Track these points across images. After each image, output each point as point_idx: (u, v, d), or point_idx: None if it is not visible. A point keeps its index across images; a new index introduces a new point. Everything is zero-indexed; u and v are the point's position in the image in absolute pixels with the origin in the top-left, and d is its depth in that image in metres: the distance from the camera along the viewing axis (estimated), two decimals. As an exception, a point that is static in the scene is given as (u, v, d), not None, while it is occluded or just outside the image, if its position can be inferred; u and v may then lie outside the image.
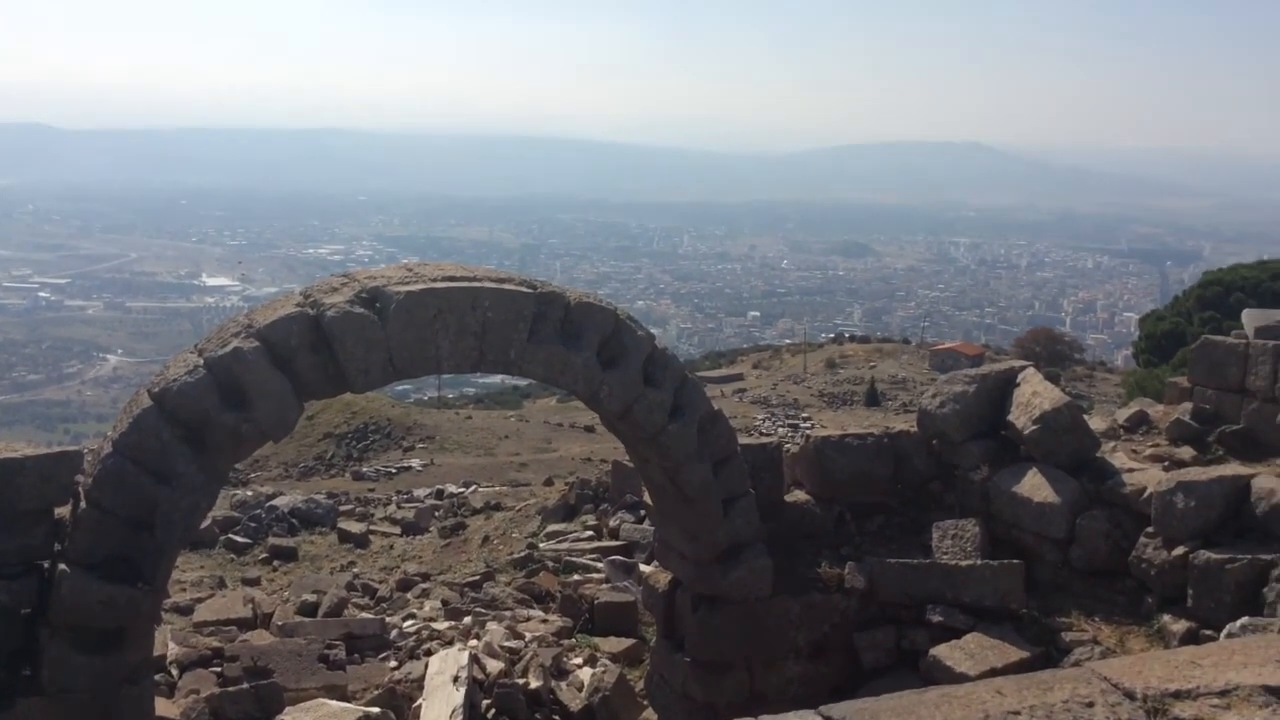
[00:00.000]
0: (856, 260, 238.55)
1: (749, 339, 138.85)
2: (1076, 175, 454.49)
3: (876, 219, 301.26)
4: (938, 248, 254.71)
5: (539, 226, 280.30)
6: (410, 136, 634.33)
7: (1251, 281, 47.07)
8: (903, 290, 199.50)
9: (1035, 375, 11.23)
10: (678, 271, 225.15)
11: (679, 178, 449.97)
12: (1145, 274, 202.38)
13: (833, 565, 10.28)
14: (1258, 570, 8.64)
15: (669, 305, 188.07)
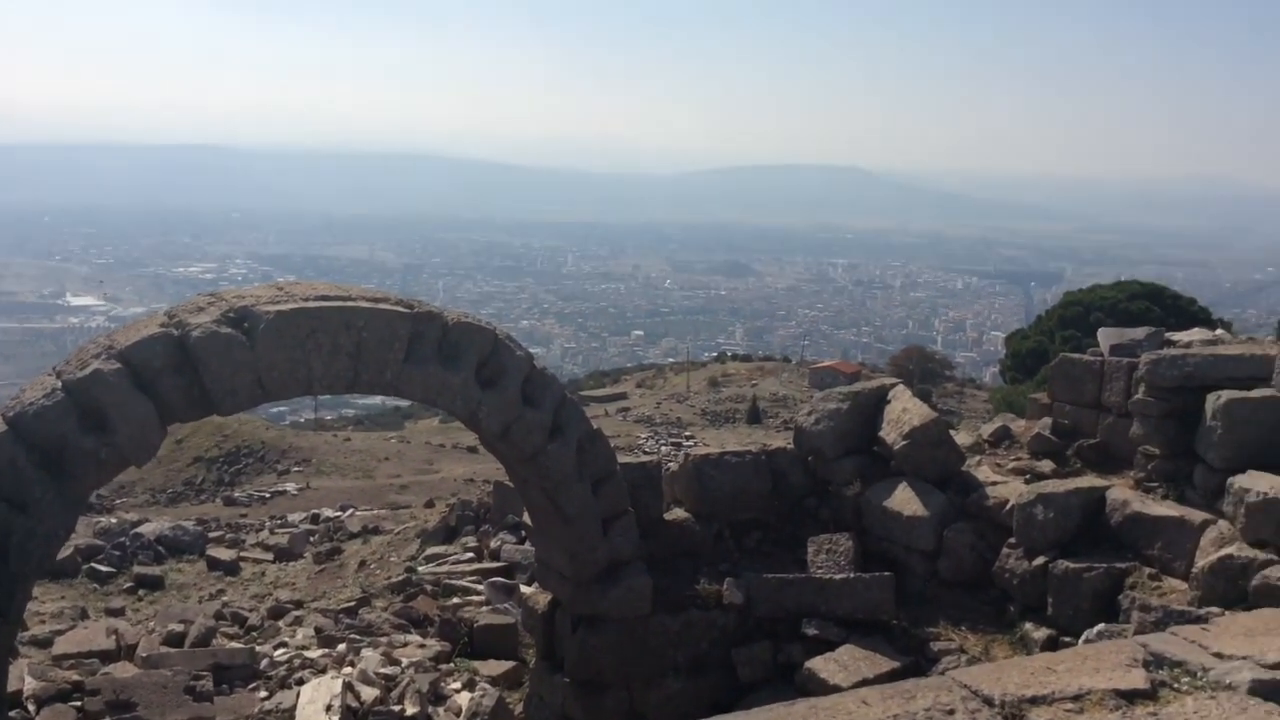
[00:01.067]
0: (738, 280, 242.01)
1: (633, 358, 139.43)
2: (947, 199, 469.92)
3: (758, 240, 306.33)
4: (817, 268, 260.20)
5: (421, 245, 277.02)
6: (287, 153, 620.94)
7: (1109, 301, 49.23)
8: (783, 309, 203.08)
9: (905, 392, 11.55)
10: (562, 291, 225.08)
11: (563, 198, 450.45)
12: (1011, 294, 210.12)
13: (711, 582, 10.38)
14: (1113, 578, 9.03)
15: (553, 325, 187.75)
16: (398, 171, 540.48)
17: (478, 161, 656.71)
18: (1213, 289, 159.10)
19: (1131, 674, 4.67)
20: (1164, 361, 9.81)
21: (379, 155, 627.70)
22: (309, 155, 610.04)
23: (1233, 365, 9.80)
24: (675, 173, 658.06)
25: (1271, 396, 9.28)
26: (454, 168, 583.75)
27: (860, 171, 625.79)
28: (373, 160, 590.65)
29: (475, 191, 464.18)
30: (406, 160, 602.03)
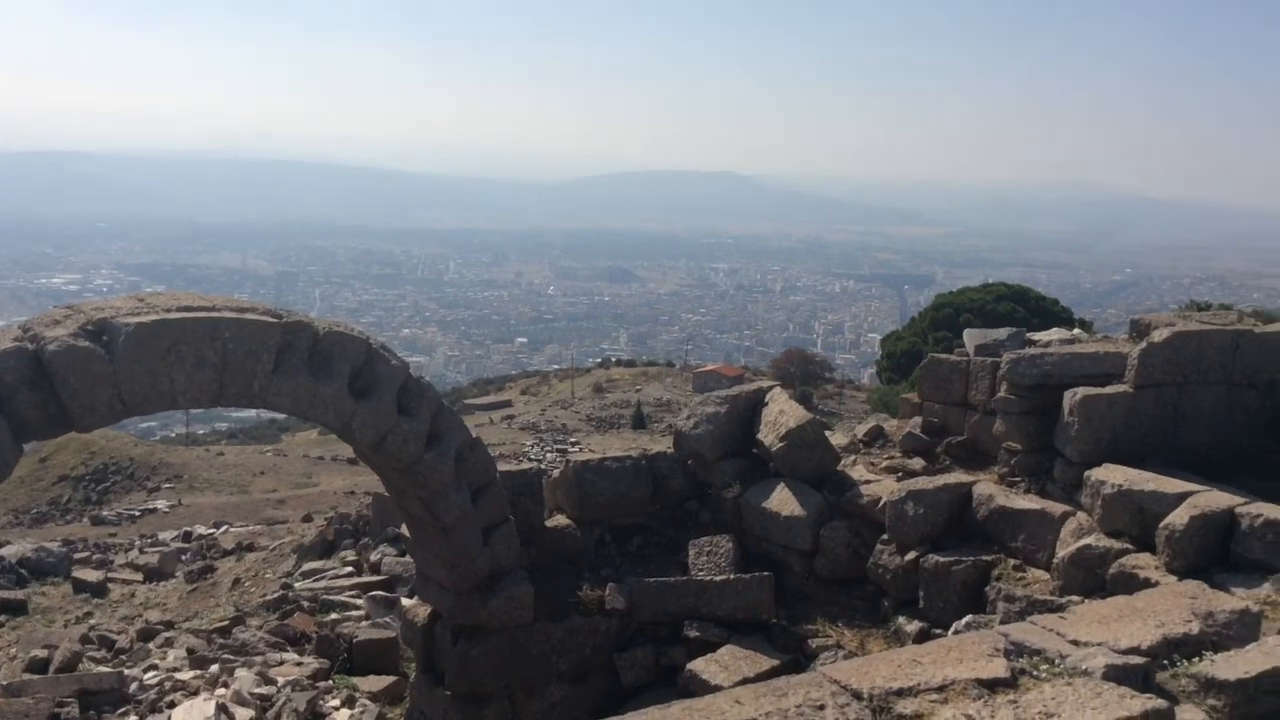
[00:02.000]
0: (622, 286, 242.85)
1: (517, 365, 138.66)
2: (825, 205, 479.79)
3: (640, 246, 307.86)
4: (699, 273, 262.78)
5: (296, 253, 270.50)
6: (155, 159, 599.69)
7: (977, 303, 50.88)
8: (666, 315, 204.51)
9: (782, 395, 11.74)
10: (444, 299, 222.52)
11: (444, 204, 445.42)
12: (887, 297, 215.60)
13: (594, 588, 10.38)
14: (980, 570, 9.33)
15: (435, 333, 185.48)
16: (272, 177, 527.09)
17: (355, 167, 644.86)
18: (1074, 290, 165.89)
19: (993, 663, 4.83)
20: (1023, 361, 10.17)
21: (253, 161, 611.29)
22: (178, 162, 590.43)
23: (1088, 363, 10.23)
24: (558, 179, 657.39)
25: (1124, 392, 9.72)
26: (330, 174, 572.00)
27: (739, 177, 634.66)
28: (246, 166, 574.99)
29: (352, 198, 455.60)
30: (281, 166, 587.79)
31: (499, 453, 48.05)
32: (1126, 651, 5.04)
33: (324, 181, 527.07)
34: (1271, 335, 10.58)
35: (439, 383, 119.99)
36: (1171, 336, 9.83)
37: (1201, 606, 5.66)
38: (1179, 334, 9.89)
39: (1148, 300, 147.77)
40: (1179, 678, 4.95)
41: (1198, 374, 9.99)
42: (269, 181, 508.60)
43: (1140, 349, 9.80)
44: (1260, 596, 7.06)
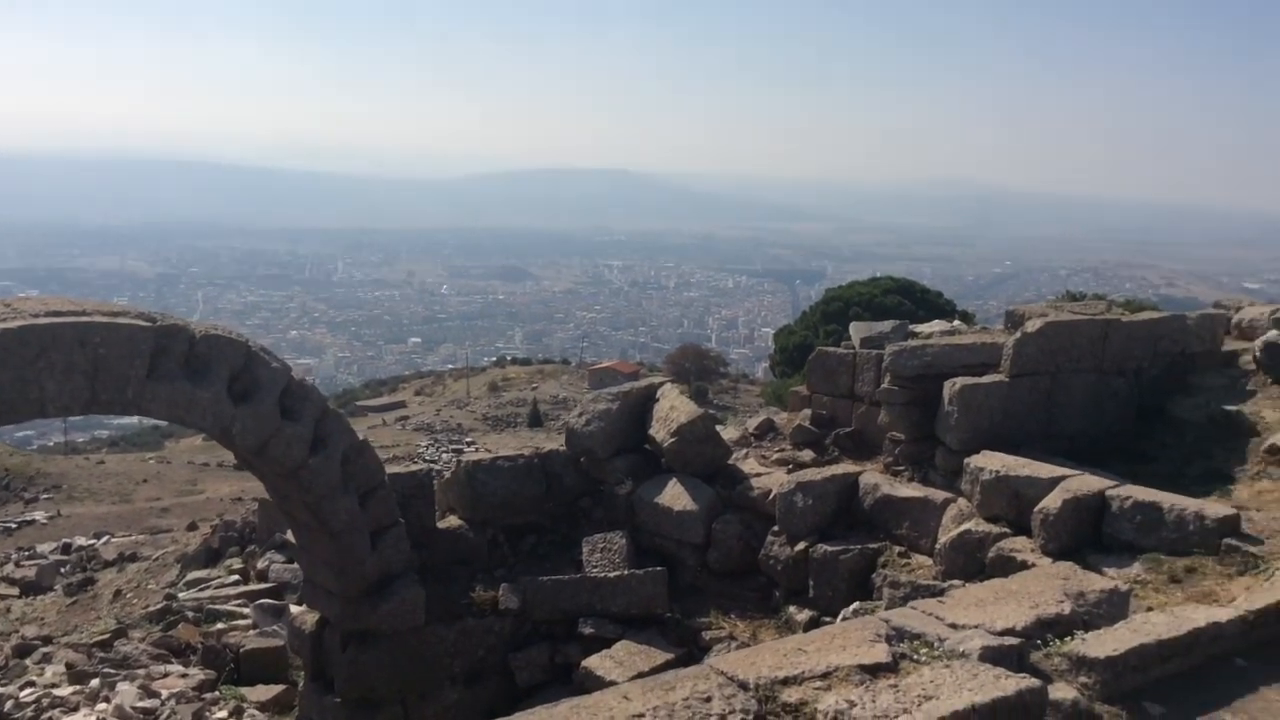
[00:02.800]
0: (516, 284, 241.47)
1: (411, 365, 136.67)
2: (716, 201, 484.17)
3: (533, 244, 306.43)
4: (593, 270, 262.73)
5: (178, 255, 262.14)
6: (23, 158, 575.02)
7: (865, 296, 51.93)
8: (561, 312, 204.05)
9: (673, 390, 11.81)
10: (333, 299, 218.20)
11: (330, 203, 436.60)
12: (779, 292, 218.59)
13: (487, 588, 10.31)
14: (867, 558, 9.54)
15: (325, 334, 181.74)
16: (150, 177, 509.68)
17: (239, 166, 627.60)
18: (958, 282, 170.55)
19: (875, 649, 4.94)
20: (905, 352, 10.43)
21: (130, 161, 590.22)
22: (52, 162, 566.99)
23: (967, 354, 10.53)
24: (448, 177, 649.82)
25: (1001, 381, 10.03)
26: (213, 173, 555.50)
27: (632, 175, 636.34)
28: (123, 166, 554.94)
29: (236, 198, 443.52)
30: (159, 165, 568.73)
31: (393, 455, 47.38)
32: (1002, 633, 5.20)
33: (206, 181, 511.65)
34: (1138, 324, 11.04)
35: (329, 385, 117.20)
36: (1044, 327, 10.18)
37: (1073, 587, 5.87)
38: (1051, 324, 10.25)
39: (1027, 292, 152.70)
40: (1052, 657, 5.13)
41: (1070, 362, 10.37)
42: (144, 182, 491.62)
43: (1015, 339, 10.13)
44: (1130, 576, 7.36)
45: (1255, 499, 8.82)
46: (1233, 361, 11.50)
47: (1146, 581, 7.24)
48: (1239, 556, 7.31)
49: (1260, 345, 11.11)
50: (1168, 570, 7.32)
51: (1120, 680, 4.94)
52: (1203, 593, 6.85)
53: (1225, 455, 9.87)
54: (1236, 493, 9.07)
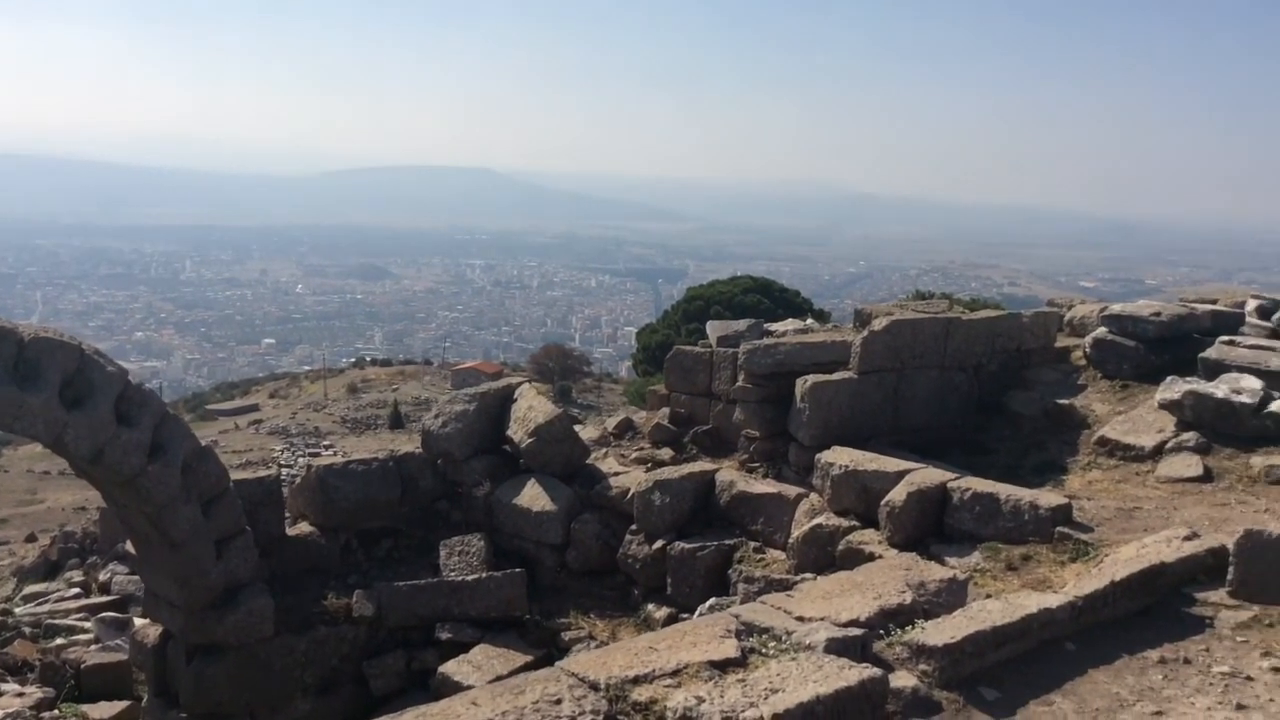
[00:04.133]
0: (375, 283, 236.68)
1: (264, 367, 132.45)
2: (578, 201, 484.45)
3: (393, 242, 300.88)
4: (454, 269, 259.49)
5: (13, 254, 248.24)
6: None
7: (726, 295, 52.71)
8: (423, 312, 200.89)
9: (530, 390, 11.76)
10: (181, 299, 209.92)
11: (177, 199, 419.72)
12: (641, 291, 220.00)
13: (340, 596, 10.07)
14: (723, 555, 9.67)
15: (173, 335, 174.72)
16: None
17: (76, 161, 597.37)
18: (815, 281, 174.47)
19: (725, 644, 5.00)
20: (759, 350, 10.62)
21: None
22: None
23: (818, 351, 10.79)
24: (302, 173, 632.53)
25: (849, 378, 10.31)
26: (48, 168, 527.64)
27: (492, 173, 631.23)
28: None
29: (75, 194, 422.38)
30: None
31: (246, 460, 45.84)
32: (847, 624, 5.33)
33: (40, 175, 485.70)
34: (977, 322, 11.49)
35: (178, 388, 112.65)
36: (890, 325, 10.50)
37: (915, 577, 6.06)
38: (896, 322, 10.58)
39: (880, 290, 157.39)
40: (894, 646, 5.28)
41: (914, 359, 10.72)
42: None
43: (862, 337, 10.42)
44: (970, 565, 7.65)
45: (1086, 488, 9.28)
46: (1065, 357, 12.07)
47: (985, 570, 7.53)
48: (1071, 544, 7.67)
49: (1090, 342, 11.70)
50: (1005, 558, 7.63)
51: (958, 666, 5.12)
52: (1037, 579, 7.16)
53: (1059, 447, 10.36)
54: (1069, 482, 9.53)
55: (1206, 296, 14.20)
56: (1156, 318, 11.32)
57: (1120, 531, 7.86)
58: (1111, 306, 12.20)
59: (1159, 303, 12.31)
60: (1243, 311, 12.57)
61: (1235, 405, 9.31)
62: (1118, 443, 9.82)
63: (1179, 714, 5.03)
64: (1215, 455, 9.20)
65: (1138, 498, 8.74)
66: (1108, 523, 8.11)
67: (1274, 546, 6.38)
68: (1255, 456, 8.98)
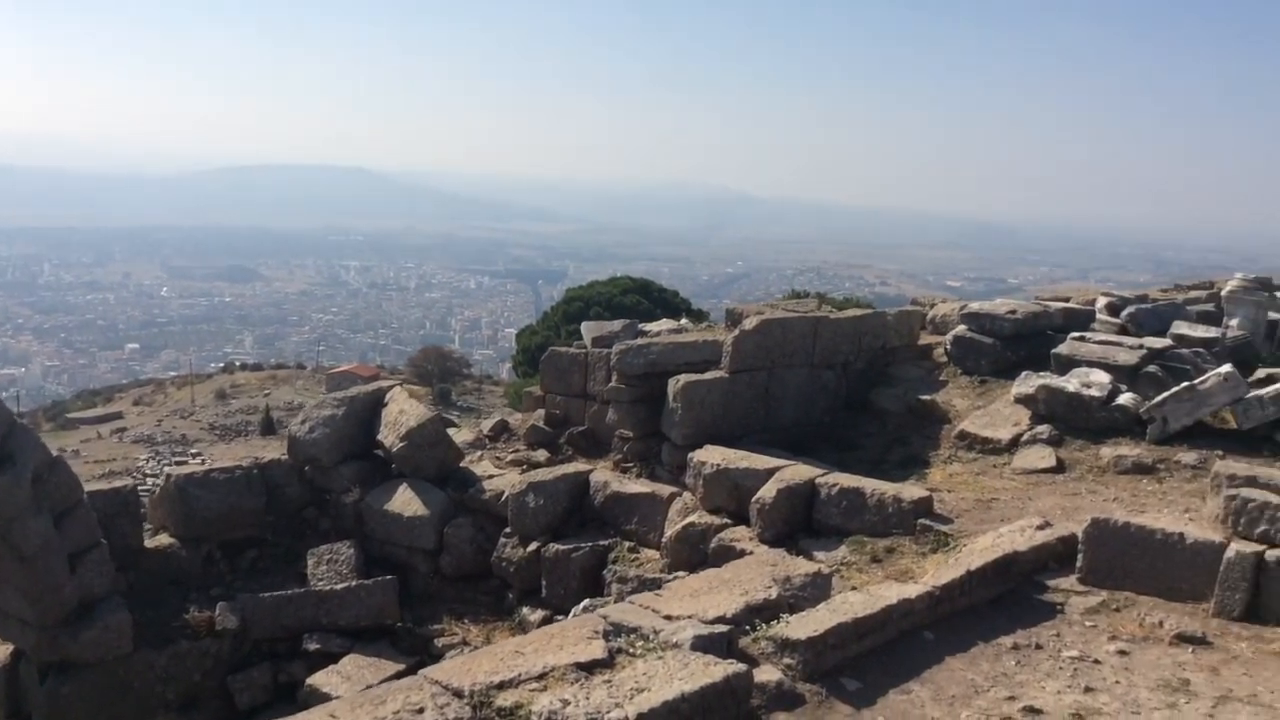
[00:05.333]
0: (245, 286, 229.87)
1: (129, 373, 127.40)
2: (456, 201, 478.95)
3: (263, 243, 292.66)
4: (328, 271, 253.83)
5: None
6: None
7: (605, 296, 52.79)
8: (295, 315, 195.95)
9: (402, 394, 11.57)
10: (39, 304, 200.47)
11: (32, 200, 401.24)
12: (521, 292, 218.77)
13: (203, 608, 9.75)
14: (598, 555, 9.67)
15: (30, 341, 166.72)
16: None
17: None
18: (693, 282, 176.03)
19: (592, 646, 5.00)
20: (631, 351, 10.65)
21: None
22: None
23: (690, 351, 10.88)
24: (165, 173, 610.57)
25: (721, 377, 10.42)
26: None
27: (367, 172, 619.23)
28: None
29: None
30: None
31: (109, 469, 44.01)
32: (713, 621, 5.39)
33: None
34: (845, 321, 11.75)
35: (37, 395, 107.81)
36: (760, 324, 10.65)
37: (781, 573, 6.16)
38: (766, 322, 10.74)
39: (757, 290, 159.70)
40: (759, 641, 5.35)
41: (784, 358, 10.90)
42: None
43: (733, 337, 10.54)
44: (837, 558, 7.81)
45: (947, 481, 9.56)
46: (928, 354, 12.43)
47: (851, 563, 7.69)
48: (932, 535, 7.89)
49: (951, 339, 12.08)
50: (870, 551, 7.81)
51: (821, 659, 5.21)
52: (900, 571, 7.34)
53: (922, 441, 10.66)
54: (931, 476, 9.80)
55: (1060, 295, 14.81)
56: (1012, 316, 11.74)
57: (978, 522, 8.12)
58: (970, 305, 12.62)
59: (1015, 301, 12.79)
60: (1093, 309, 13.14)
61: (1085, 398, 9.71)
62: (976, 436, 10.15)
63: (1030, 698, 5.22)
64: (1067, 447, 9.58)
65: (995, 489, 9.04)
66: (967, 514, 8.37)
67: (1120, 534, 6.68)
68: (1104, 447, 9.38)
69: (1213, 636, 5.98)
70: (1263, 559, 6.17)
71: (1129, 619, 6.21)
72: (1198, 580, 6.35)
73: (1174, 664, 5.67)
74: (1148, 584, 6.51)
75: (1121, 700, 5.24)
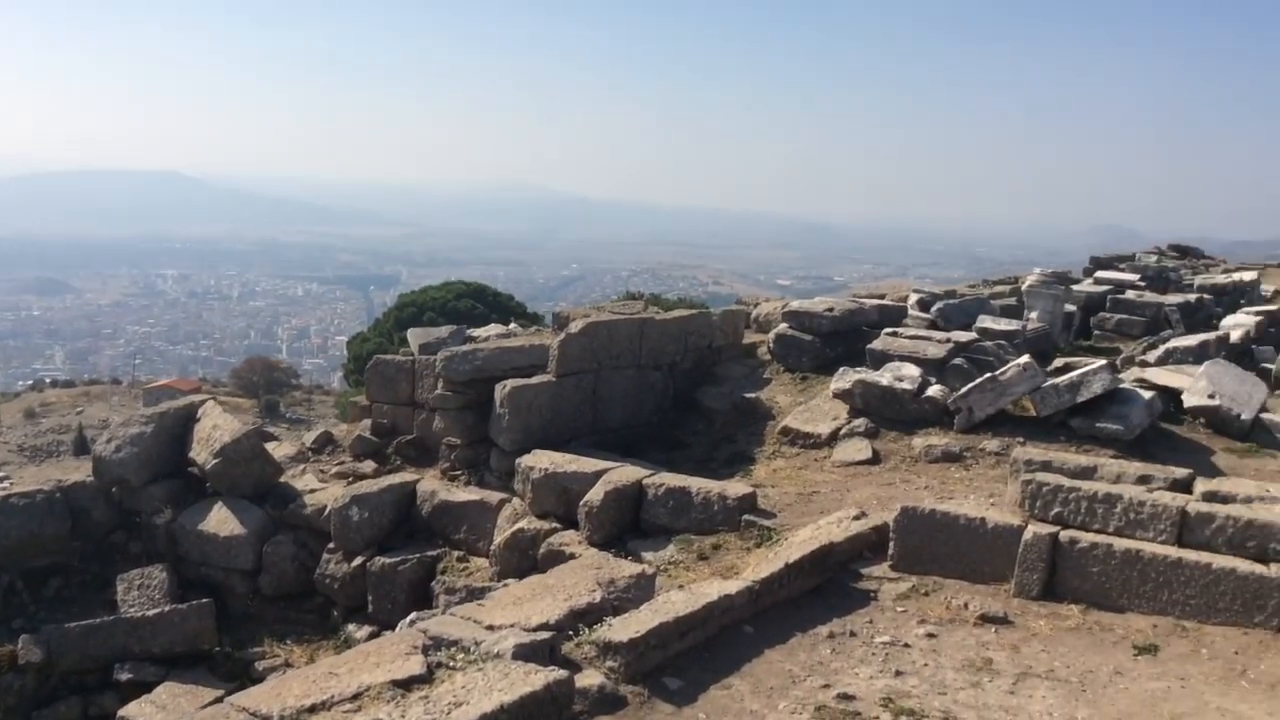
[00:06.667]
0: (54, 298, 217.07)
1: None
2: (280, 206, 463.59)
3: (73, 253, 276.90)
4: (144, 281, 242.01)
5: None
6: None
7: (439, 301, 52.03)
8: (109, 328, 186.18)
9: (215, 409, 11.13)
10: None
11: None
12: (352, 299, 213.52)
13: (4, 642, 9.16)
14: (426, 567, 9.51)
15: None
16: None
17: None
18: (529, 285, 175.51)
19: (410, 661, 4.90)
20: (457, 357, 10.53)
21: None
22: None
23: (517, 356, 10.82)
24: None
25: (549, 381, 10.40)
26: None
27: (183, 177, 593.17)
28: None
29: None
30: None
31: (-102, 499, 40.84)
32: (536, 629, 5.35)
33: None
34: (671, 322, 11.90)
35: None
36: (586, 327, 10.68)
37: (605, 575, 6.17)
38: (592, 324, 10.77)
39: (594, 292, 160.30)
40: (582, 646, 5.34)
41: (611, 360, 10.96)
42: None
43: (559, 340, 10.54)
44: (665, 557, 7.89)
45: (771, 476, 9.78)
46: (753, 352, 12.71)
47: (679, 561, 7.78)
48: (756, 530, 8.06)
49: (773, 337, 12.38)
50: (697, 549, 7.92)
51: (643, 660, 5.24)
52: (726, 567, 7.46)
53: (747, 438, 10.88)
54: (756, 472, 10.02)
55: (876, 292, 15.38)
56: (830, 313, 12.12)
57: (800, 515, 8.33)
58: (791, 303, 12.97)
59: (833, 299, 13.21)
60: (906, 305, 13.70)
61: (898, 392, 10.09)
62: (799, 432, 10.42)
63: (845, 685, 5.37)
64: (883, 439, 9.93)
65: (816, 482, 9.30)
66: (789, 508, 8.58)
67: (928, 520, 6.96)
68: (916, 438, 9.76)
69: (1014, 616, 6.29)
70: (1057, 539, 6.53)
71: (937, 602, 6.48)
72: (999, 562, 6.67)
73: (978, 644, 5.94)
74: (954, 568, 6.80)
75: (929, 682, 5.46)
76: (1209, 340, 11.77)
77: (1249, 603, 6.02)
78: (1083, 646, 5.93)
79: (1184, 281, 18.52)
